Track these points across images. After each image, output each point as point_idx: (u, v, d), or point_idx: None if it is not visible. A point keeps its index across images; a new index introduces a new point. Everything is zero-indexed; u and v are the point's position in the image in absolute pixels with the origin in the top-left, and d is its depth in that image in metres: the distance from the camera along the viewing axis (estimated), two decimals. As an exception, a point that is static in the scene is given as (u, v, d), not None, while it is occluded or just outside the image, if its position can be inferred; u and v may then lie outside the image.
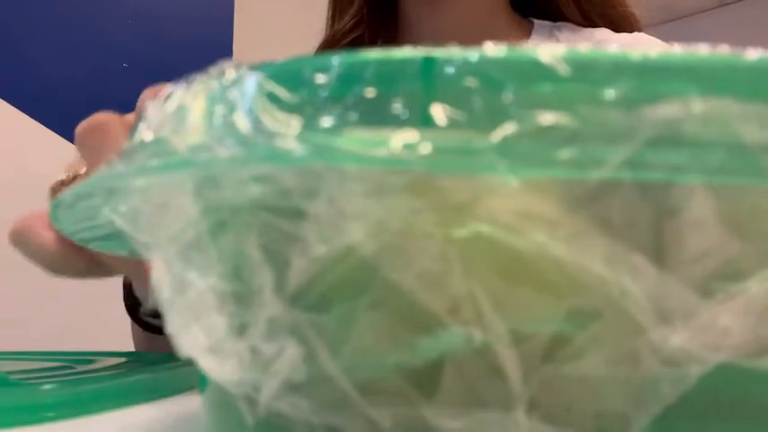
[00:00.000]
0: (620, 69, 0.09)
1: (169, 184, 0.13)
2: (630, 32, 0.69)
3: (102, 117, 0.30)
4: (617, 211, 0.10)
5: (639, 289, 0.10)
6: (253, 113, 0.11)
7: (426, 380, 0.11)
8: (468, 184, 0.10)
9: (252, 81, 0.11)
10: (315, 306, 0.12)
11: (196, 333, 0.13)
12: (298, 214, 0.11)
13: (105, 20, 1.50)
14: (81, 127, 0.30)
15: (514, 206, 0.10)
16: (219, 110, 0.11)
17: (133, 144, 0.13)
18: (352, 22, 0.67)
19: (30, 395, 0.31)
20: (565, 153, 0.09)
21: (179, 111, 0.12)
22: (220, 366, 0.13)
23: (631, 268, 0.10)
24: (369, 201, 0.10)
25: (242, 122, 0.11)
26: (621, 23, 0.71)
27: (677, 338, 0.10)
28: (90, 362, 0.40)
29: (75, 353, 0.45)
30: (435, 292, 0.11)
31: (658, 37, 0.74)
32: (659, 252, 0.10)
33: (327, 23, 0.70)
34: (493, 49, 0.10)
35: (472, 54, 0.10)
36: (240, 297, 0.12)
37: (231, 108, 0.11)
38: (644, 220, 0.10)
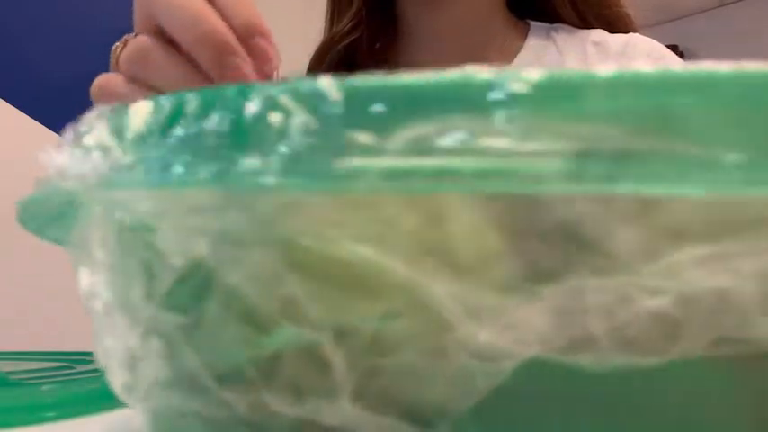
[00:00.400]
0: (381, 93, 0.10)
1: (86, 207, 0.15)
2: (625, 33, 0.69)
3: None
4: (403, 219, 0.11)
5: (441, 289, 0.11)
6: (106, 148, 0.13)
7: (271, 371, 0.12)
8: (279, 200, 0.11)
9: (104, 121, 0.13)
10: (178, 309, 0.13)
11: (101, 342, 0.15)
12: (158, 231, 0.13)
13: (105, 20, 1.50)
14: None
15: (324, 217, 0.11)
16: (87, 146, 0.13)
17: None
18: (350, 24, 0.66)
19: (30, 395, 0.31)
20: (332, 169, 0.10)
21: (67, 148, 0.14)
22: (115, 369, 0.15)
23: (429, 270, 0.11)
24: (205, 218, 0.12)
25: (96, 158, 0.13)
26: (617, 24, 0.71)
27: (485, 335, 0.11)
28: (90, 362, 0.40)
29: (75, 353, 0.45)
30: (267, 295, 0.12)
31: (658, 37, 0.74)
32: (454, 255, 0.11)
33: (326, 25, 0.70)
34: (287, 82, 0.11)
35: (273, 87, 0.11)
36: (128, 306, 0.14)
37: (94, 145, 0.13)
38: (424, 226, 0.11)
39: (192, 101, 0.12)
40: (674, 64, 0.68)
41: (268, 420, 0.12)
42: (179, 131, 0.12)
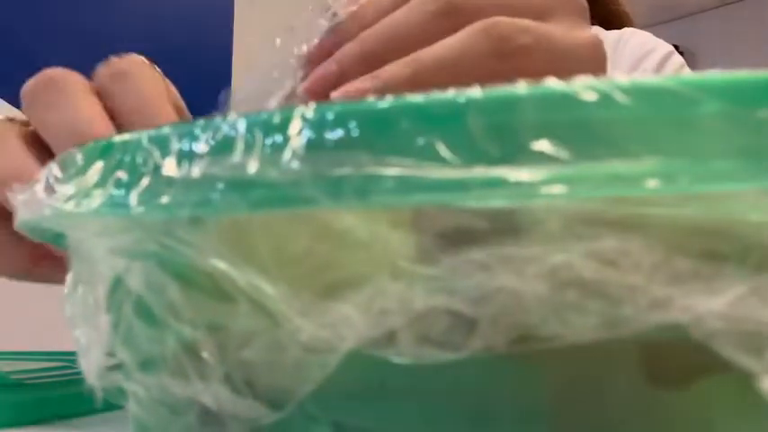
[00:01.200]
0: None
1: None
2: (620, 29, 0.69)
3: (56, 71, 0.24)
4: (253, 240, 0.13)
5: (275, 292, 0.13)
6: (50, 186, 0.16)
7: (167, 360, 0.15)
8: (156, 223, 0.14)
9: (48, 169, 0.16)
10: (114, 311, 0.16)
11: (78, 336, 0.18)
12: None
13: (108, 21, 1.50)
14: (29, 84, 0.24)
15: (188, 237, 0.14)
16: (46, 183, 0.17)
17: None
18: None
19: (30, 395, 0.31)
20: (164, 199, 0.12)
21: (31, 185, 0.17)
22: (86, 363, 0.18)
23: (267, 277, 0.13)
24: (117, 239, 0.15)
25: (40, 193, 0.16)
26: (615, 22, 0.70)
27: (309, 330, 0.12)
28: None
29: (75, 353, 0.45)
30: (159, 301, 0.14)
31: (658, 37, 0.74)
32: (285, 266, 0.13)
33: None
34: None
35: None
36: (88, 306, 0.17)
37: (49, 183, 0.16)
38: (266, 245, 0.13)
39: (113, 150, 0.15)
40: (674, 61, 0.68)
41: (176, 402, 0.15)
42: (97, 173, 0.15)
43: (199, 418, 0.15)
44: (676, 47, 0.77)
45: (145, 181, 0.13)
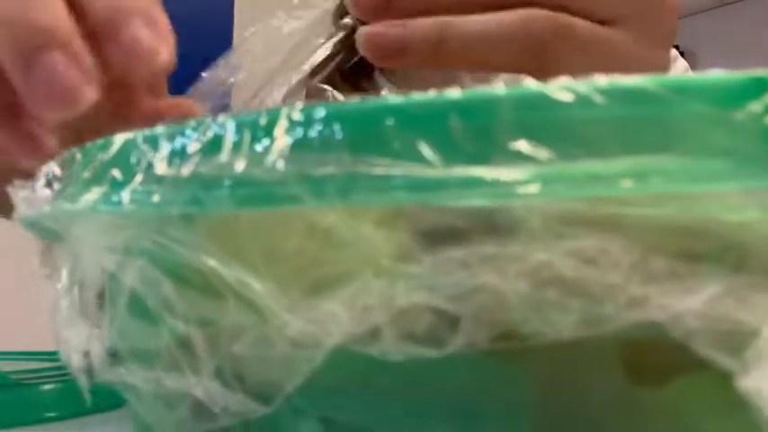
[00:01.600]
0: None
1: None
2: None
3: None
4: (242, 240, 0.14)
5: (263, 288, 0.13)
6: (50, 183, 0.16)
7: (160, 353, 0.15)
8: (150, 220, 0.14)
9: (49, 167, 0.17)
10: (110, 307, 0.16)
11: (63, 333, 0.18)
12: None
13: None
14: None
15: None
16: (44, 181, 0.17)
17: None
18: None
19: (30, 395, 0.31)
20: (155, 197, 0.13)
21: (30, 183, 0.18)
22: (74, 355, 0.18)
23: (255, 274, 0.13)
24: (111, 236, 0.15)
25: (40, 190, 0.17)
26: None
27: (296, 326, 0.13)
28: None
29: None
30: (153, 297, 0.15)
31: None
32: (266, 265, 0.13)
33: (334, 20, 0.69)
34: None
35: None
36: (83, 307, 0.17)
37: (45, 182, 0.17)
38: (255, 244, 0.14)
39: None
40: (678, 65, 0.68)
41: (170, 396, 0.15)
42: (94, 171, 0.15)
43: (191, 411, 0.15)
44: (676, 47, 0.77)
45: (138, 179, 0.13)
